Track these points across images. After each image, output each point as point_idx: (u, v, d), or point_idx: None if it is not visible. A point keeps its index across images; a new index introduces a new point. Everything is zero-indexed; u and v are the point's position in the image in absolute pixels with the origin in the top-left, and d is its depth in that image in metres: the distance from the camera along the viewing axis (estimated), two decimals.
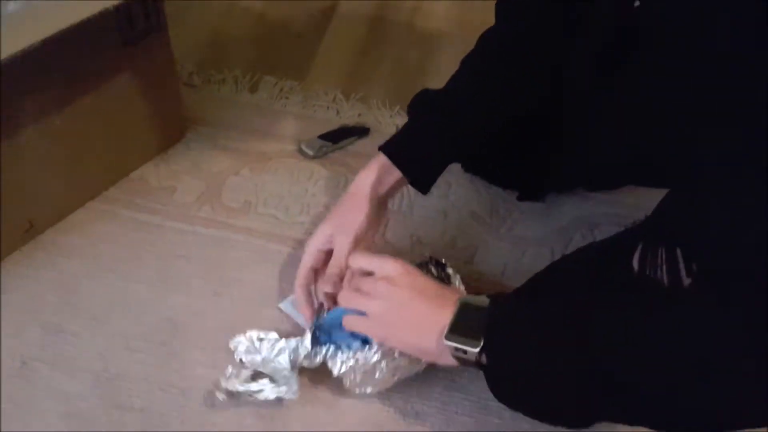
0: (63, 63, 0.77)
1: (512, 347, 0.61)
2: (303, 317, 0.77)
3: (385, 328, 0.67)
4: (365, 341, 0.70)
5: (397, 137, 0.78)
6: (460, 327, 0.62)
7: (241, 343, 0.75)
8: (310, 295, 0.77)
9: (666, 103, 0.74)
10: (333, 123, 1.06)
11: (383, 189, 0.77)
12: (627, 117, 0.79)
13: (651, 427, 0.60)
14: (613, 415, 0.63)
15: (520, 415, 0.74)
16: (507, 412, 0.74)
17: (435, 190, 0.96)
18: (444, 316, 0.63)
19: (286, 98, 1.10)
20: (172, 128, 0.99)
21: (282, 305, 0.81)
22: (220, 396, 0.72)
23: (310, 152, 1.01)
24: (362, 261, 0.71)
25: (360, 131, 1.05)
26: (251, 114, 1.07)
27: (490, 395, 0.74)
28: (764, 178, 0.54)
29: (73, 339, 0.78)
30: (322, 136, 1.03)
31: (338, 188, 0.97)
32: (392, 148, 0.77)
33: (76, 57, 0.78)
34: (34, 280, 0.83)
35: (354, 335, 0.71)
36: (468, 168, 0.98)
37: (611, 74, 0.80)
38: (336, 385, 0.76)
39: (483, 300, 0.64)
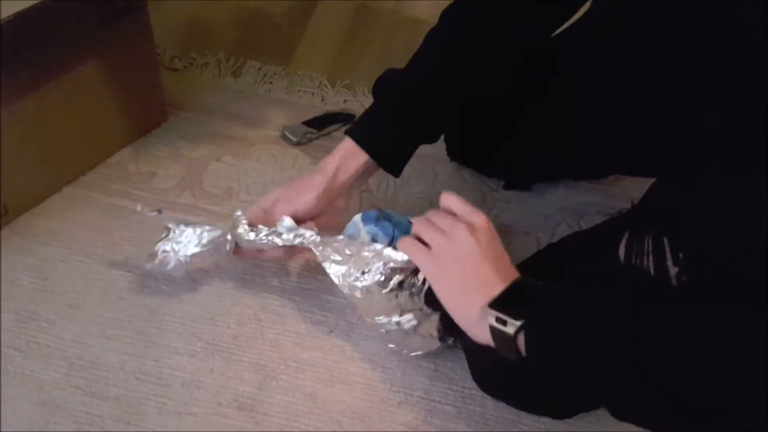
0: (35, 42, 0.75)
1: (556, 330, 0.58)
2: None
3: (440, 268, 0.64)
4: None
5: (363, 120, 0.77)
6: (509, 300, 0.60)
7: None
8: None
9: (659, 94, 0.73)
10: (318, 109, 1.05)
11: (346, 174, 0.75)
12: (616, 107, 0.78)
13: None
14: (637, 413, 0.60)
15: (503, 405, 0.73)
16: (490, 401, 0.74)
17: (421, 178, 0.96)
18: (499, 286, 0.61)
19: (270, 83, 1.08)
20: (152, 112, 0.97)
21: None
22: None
23: (294, 139, 0.99)
24: (452, 201, 0.67)
25: (345, 118, 1.04)
26: (234, 99, 1.05)
27: (473, 385, 0.74)
28: (758, 167, 0.53)
29: (48, 326, 0.76)
30: (307, 123, 1.01)
31: None
32: (357, 131, 0.75)
33: (50, 36, 0.76)
34: (8, 266, 0.81)
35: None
36: (454, 157, 0.97)
37: (600, 61, 0.80)
38: (318, 375, 0.75)
39: (536, 282, 0.62)
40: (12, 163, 0.80)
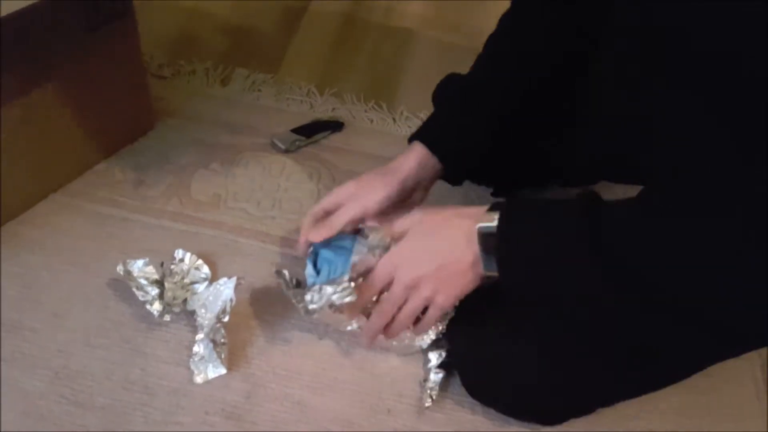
0: (21, 47, 0.74)
1: (527, 231, 0.61)
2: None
3: (416, 267, 0.66)
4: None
5: (433, 127, 0.77)
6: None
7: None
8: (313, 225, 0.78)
9: (653, 103, 0.73)
10: (306, 117, 1.05)
11: (423, 176, 0.76)
12: (609, 116, 0.78)
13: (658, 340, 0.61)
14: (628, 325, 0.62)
15: (493, 412, 0.73)
16: (479, 408, 0.74)
17: None
18: (471, 221, 0.62)
19: (259, 91, 1.08)
20: (139, 119, 0.97)
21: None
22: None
23: (283, 146, 0.99)
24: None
25: (334, 126, 1.04)
26: (222, 107, 1.05)
27: (463, 391, 0.74)
28: (755, 179, 0.53)
29: (32, 335, 0.75)
30: (295, 130, 1.01)
31: (311, 183, 0.95)
32: (431, 139, 0.76)
33: (36, 41, 0.75)
34: None
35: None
36: None
37: (603, 70, 0.79)
38: (307, 383, 0.74)
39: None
40: None
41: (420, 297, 0.66)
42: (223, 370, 0.73)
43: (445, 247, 0.65)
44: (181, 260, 0.79)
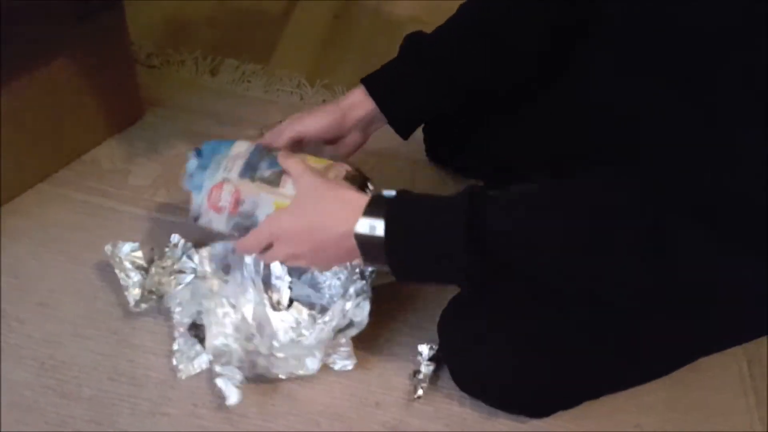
0: (8, 36, 0.73)
1: (406, 220, 0.62)
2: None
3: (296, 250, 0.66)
4: None
5: (381, 70, 0.76)
6: (372, 211, 0.62)
7: None
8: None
9: (650, 101, 0.72)
10: (296, 109, 1.03)
11: (356, 115, 0.75)
12: (605, 111, 0.77)
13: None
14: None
15: (481, 404, 0.73)
16: (468, 401, 0.74)
17: (400, 179, 0.95)
18: (353, 215, 0.62)
19: (249, 82, 1.07)
20: (127, 109, 0.96)
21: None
22: None
23: None
24: (289, 162, 0.69)
25: None
26: (212, 97, 1.04)
27: (452, 385, 0.74)
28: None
29: (18, 325, 0.75)
30: None
31: None
32: (371, 79, 0.75)
33: (24, 30, 0.74)
34: None
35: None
36: (434, 158, 0.97)
37: (597, 65, 0.79)
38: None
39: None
40: None
41: (294, 263, 0.69)
42: (205, 364, 0.73)
43: (324, 233, 0.65)
44: (175, 246, 0.78)
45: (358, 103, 0.75)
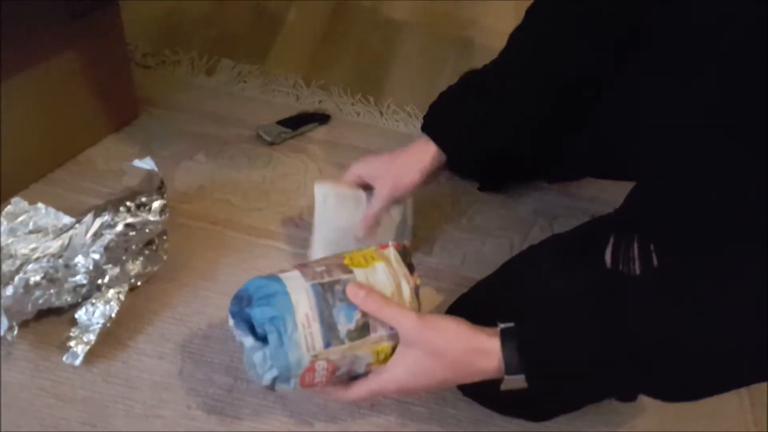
0: (2, 34, 0.73)
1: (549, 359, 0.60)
2: None
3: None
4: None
5: (446, 122, 0.77)
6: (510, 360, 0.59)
7: None
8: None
9: (649, 101, 0.72)
10: (292, 109, 1.04)
11: (435, 165, 0.77)
12: (612, 114, 0.76)
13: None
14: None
15: (476, 406, 0.73)
16: (462, 403, 0.74)
17: None
18: (495, 363, 0.60)
19: (244, 82, 1.07)
20: (123, 109, 0.95)
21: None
22: None
23: (268, 138, 0.98)
24: (374, 307, 0.61)
25: (320, 118, 1.03)
26: (207, 97, 1.03)
27: (446, 386, 0.74)
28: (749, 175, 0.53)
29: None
30: (281, 122, 1.01)
31: (297, 175, 0.95)
32: (438, 133, 0.76)
33: (17, 28, 0.74)
34: None
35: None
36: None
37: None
38: None
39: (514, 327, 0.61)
40: None
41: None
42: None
43: (456, 382, 0.64)
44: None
45: (437, 157, 0.76)
